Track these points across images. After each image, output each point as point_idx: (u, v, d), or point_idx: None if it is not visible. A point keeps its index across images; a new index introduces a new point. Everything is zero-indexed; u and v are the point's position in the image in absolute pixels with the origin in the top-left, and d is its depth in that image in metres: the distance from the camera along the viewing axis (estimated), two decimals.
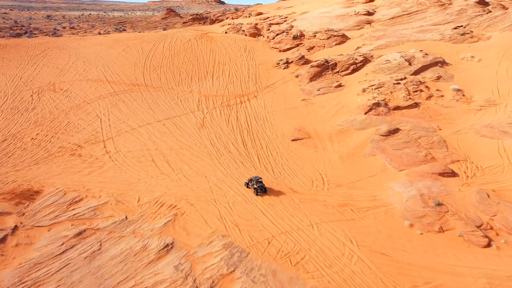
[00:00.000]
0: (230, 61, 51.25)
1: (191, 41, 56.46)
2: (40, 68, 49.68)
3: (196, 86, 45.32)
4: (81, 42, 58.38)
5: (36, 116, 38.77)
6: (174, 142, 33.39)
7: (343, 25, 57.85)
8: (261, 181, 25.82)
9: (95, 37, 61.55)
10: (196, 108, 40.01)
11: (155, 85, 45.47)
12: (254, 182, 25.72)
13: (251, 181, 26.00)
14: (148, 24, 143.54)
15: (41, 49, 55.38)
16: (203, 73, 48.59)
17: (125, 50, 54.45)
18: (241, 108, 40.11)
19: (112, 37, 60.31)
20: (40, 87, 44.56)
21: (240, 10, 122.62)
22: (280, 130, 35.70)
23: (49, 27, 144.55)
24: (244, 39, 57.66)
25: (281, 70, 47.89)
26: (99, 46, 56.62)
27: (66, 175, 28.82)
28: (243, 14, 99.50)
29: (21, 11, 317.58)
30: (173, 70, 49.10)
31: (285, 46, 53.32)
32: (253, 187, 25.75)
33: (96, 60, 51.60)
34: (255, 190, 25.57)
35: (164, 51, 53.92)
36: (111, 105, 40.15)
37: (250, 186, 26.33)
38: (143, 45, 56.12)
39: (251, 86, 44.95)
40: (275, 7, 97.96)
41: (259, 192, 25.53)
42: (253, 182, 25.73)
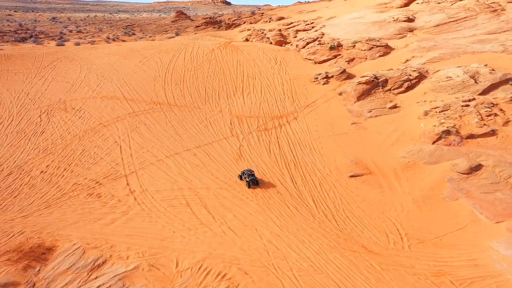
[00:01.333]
0: (261, 75, 46.21)
1: (214, 51, 51.51)
2: (48, 82, 44.94)
3: (226, 105, 40.27)
4: (93, 52, 53.62)
5: (45, 142, 33.90)
6: (209, 178, 28.28)
7: (383, 33, 52.65)
8: (253, 174, 27.35)
9: (108, 46, 56.79)
10: (229, 133, 34.92)
11: (178, 103, 40.49)
12: (246, 175, 27.23)
13: (244, 173, 27.54)
14: (158, 28, 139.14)
15: (49, 60, 50.68)
16: (231, 89, 43.59)
17: (142, 62, 49.61)
18: (281, 133, 34.97)
19: (127, 46, 55.52)
20: (49, 106, 39.76)
21: (257, 14, 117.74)
22: (333, 162, 30.49)
23: (55, 31, 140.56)
24: (273, 49, 52.62)
25: (321, 86, 42.76)
26: (113, 56, 51.82)
27: (84, 224, 23.86)
28: (262, 18, 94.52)
29: (26, 13, 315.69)
30: (197, 85, 44.12)
31: (321, 57, 48.22)
32: (246, 180, 27.24)
33: (110, 73, 46.77)
34: (247, 183, 27.01)
35: (185, 62, 49.00)
36: (131, 129, 35.17)
37: (243, 179, 27.68)
38: (161, 55, 51.25)
39: (288, 105, 39.83)
40: (296, 10, 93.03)
41: (251, 184, 27.03)
42: (245, 175, 27.25)
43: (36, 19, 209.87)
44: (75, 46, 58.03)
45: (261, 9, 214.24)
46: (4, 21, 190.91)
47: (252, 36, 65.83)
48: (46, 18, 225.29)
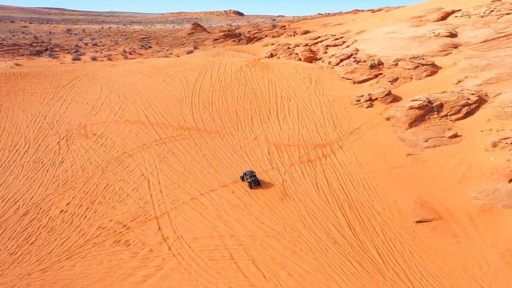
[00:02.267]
0: (296, 96, 42.74)
1: (243, 70, 48.32)
2: (67, 104, 42.11)
3: (261, 131, 36.78)
4: (113, 70, 50.91)
5: (65, 174, 30.71)
6: (253, 223, 24.61)
7: (425, 50, 48.92)
8: (254, 175, 28.38)
9: (128, 63, 54.13)
10: (268, 165, 31.33)
11: (209, 128, 37.13)
12: (248, 176, 28.32)
13: (246, 174, 28.63)
14: (175, 41, 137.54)
15: (67, 79, 48.05)
16: (265, 112, 40.15)
17: (166, 81, 46.61)
18: (327, 165, 31.23)
19: (149, 64, 52.76)
20: (68, 131, 36.75)
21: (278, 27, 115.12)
22: (393, 203, 26.59)
23: (71, 43, 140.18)
24: (306, 67, 49.24)
25: (364, 110, 39.06)
26: (135, 75, 49.00)
27: (112, 281, 20.49)
28: (286, 32, 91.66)
29: (41, 24, 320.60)
30: (227, 108, 40.80)
31: (361, 76, 44.64)
32: (247, 180, 28.23)
33: (133, 93, 43.80)
34: (249, 184, 27.94)
35: (212, 82, 45.83)
36: (158, 159, 31.81)
37: (245, 179, 28.79)
38: (186, 74, 48.26)
39: (330, 132, 36.14)
40: (321, 24, 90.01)
41: (253, 185, 27.98)
42: (247, 176, 28.34)
43: (51, 31, 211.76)
44: (94, 63, 55.48)
45: (278, 21, 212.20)
46: (20, 33, 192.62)
47: (278, 52, 62.68)
48: (61, 30, 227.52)
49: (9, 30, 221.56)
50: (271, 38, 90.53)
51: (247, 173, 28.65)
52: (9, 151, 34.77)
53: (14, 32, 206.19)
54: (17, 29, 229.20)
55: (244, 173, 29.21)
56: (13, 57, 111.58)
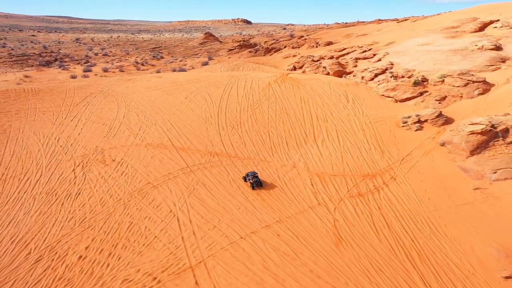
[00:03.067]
0: (333, 116, 38.96)
1: (271, 86, 44.73)
2: (82, 124, 38.70)
3: (299, 157, 32.97)
4: (130, 86, 47.61)
5: (82, 209, 27.11)
6: (309, 277, 20.68)
7: (470, 65, 45.03)
8: (257, 175, 28.49)
9: (146, 79, 50.87)
10: (314, 200, 27.46)
11: (240, 154, 33.41)
12: (250, 177, 28.39)
13: (248, 175, 28.68)
14: (187, 50, 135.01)
15: (81, 96, 44.76)
16: (300, 135, 36.38)
17: (189, 98, 43.14)
18: (382, 200, 27.26)
19: (169, 79, 49.45)
20: (84, 156, 33.23)
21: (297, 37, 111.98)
22: (470, 250, 22.55)
23: (80, 53, 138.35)
24: (340, 83, 45.56)
25: (412, 133, 35.13)
26: (154, 91, 45.63)
27: None
28: (306, 42, 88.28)
29: (49, 33, 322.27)
30: (258, 130, 37.10)
31: (403, 94, 40.86)
32: (249, 181, 28.27)
33: (153, 112, 40.34)
34: (251, 185, 27.99)
35: (239, 99, 42.27)
36: (187, 192, 28.11)
37: (247, 180, 28.74)
38: (210, 90, 44.77)
39: (378, 159, 32.23)
40: (343, 34, 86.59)
41: (255, 186, 28.00)
42: (250, 177, 28.40)
43: (60, 40, 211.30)
44: (109, 78, 52.29)
45: (290, 29, 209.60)
46: (28, 43, 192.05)
47: (303, 65, 59.13)
48: (70, 39, 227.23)
49: (18, 39, 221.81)
50: (291, 49, 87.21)
51: (250, 174, 28.79)
52: (19, 180, 31.34)
53: (23, 41, 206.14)
54: (26, 38, 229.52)
55: (246, 173, 29.28)
56: (22, 68, 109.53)
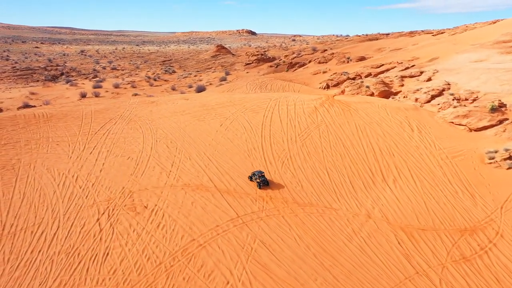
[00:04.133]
0: (399, 149, 33.26)
1: (318, 111, 39.23)
2: (103, 158, 33.20)
3: (371, 202, 27.24)
4: (154, 110, 42.27)
5: (114, 277, 21.45)
6: None
7: None
8: (263, 175, 28.57)
9: (171, 100, 45.56)
10: (409, 267, 21.65)
11: (298, 198, 27.72)
12: (257, 176, 28.46)
13: (254, 175, 28.77)
14: (199, 64, 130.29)
15: (100, 122, 39.37)
16: (365, 172, 30.69)
17: (225, 125, 37.65)
18: (497, 267, 21.56)
19: (197, 101, 44.14)
20: (109, 201, 27.64)
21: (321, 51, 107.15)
22: None
23: (87, 67, 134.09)
24: (397, 108, 40.08)
25: (504, 172, 29.43)
26: (182, 116, 40.25)
27: None
28: (334, 57, 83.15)
29: (52, 45, 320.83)
30: (313, 166, 31.44)
31: (479, 122, 35.35)
32: (256, 181, 28.43)
33: (185, 143, 34.84)
34: (258, 184, 28.25)
35: (284, 127, 36.73)
36: (245, 254, 22.41)
37: (253, 180, 28.88)
38: (247, 116, 39.30)
39: (470, 207, 26.44)
40: (373, 48, 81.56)
41: (262, 185, 28.24)
42: (256, 176, 28.48)
43: (65, 53, 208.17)
44: (129, 100, 46.97)
45: (302, 41, 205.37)
46: (32, 55, 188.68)
47: (338, 83, 53.75)
48: (74, 51, 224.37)
49: (21, 51, 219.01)
50: (318, 65, 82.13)
51: (256, 173, 28.87)
52: (32, 233, 25.75)
53: (27, 53, 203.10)
54: (29, 50, 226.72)
55: (252, 173, 29.21)
56: (27, 83, 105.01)
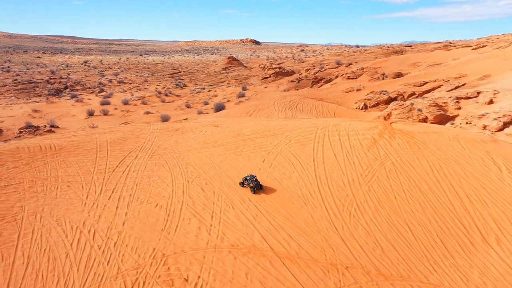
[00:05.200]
0: (491, 196, 27.14)
1: (378, 144, 33.25)
2: (125, 205, 27.26)
3: (479, 275, 21.18)
4: (180, 139, 36.52)
5: None
6: None
7: None
8: (256, 179, 27.91)
9: (198, 128, 39.73)
10: None
11: (382, 267, 21.68)
12: (250, 181, 27.72)
13: (246, 180, 27.96)
14: (210, 77, 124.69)
15: (117, 155, 33.50)
16: (457, 229, 24.60)
17: (268, 161, 31.75)
18: None
19: (230, 130, 38.30)
20: (138, 269, 21.65)
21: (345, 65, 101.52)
22: None
23: (92, 80, 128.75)
24: (473, 140, 34.12)
25: None
26: (215, 149, 34.38)
27: None
28: (364, 72, 77.35)
29: (54, 54, 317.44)
30: (389, 219, 25.39)
31: None
32: (250, 186, 27.76)
33: (223, 184, 28.99)
34: (252, 189, 27.62)
35: (341, 164, 30.73)
36: None
37: (245, 185, 28.18)
38: (293, 148, 33.38)
39: None
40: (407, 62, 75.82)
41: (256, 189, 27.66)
42: (249, 181, 27.74)
43: (68, 63, 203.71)
44: (149, 127, 41.09)
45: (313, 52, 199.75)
46: (34, 66, 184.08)
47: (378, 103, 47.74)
48: (77, 62, 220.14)
49: (23, 61, 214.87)
50: (348, 81, 76.34)
51: (248, 178, 28.05)
52: None
53: (28, 64, 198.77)
54: (31, 61, 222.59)
55: (244, 178, 28.38)
56: (29, 98, 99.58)
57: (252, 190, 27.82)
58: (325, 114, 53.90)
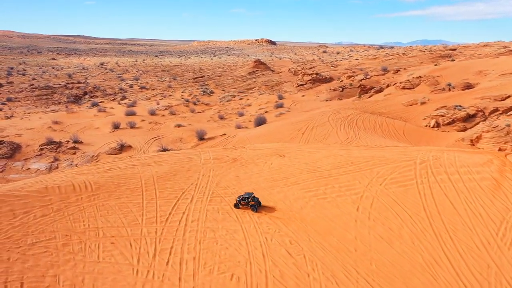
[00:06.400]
0: None
1: (503, 187, 25.99)
2: (190, 273, 21.41)
3: None
4: (242, 174, 30.17)
5: None
6: None
7: None
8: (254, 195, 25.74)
9: (260, 157, 33.02)
10: None
11: None
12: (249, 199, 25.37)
13: (243, 199, 25.42)
14: (237, 83, 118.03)
15: (169, 197, 27.23)
16: None
17: (363, 209, 25.11)
18: None
19: (301, 161, 31.49)
20: None
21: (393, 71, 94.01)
22: None
23: (112, 85, 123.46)
24: None
25: None
26: (288, 188, 27.64)
27: None
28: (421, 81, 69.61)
29: (69, 55, 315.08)
30: None
31: None
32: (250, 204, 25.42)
33: (312, 243, 22.81)
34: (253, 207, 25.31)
35: (463, 216, 24.06)
36: None
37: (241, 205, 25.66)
38: (391, 190, 27.00)
39: None
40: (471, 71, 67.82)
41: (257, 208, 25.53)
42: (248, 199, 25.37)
43: (84, 66, 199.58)
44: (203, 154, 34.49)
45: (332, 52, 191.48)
46: (50, 69, 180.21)
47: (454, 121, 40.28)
48: (93, 64, 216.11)
49: (38, 63, 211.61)
50: (404, 91, 68.88)
51: (245, 197, 25.39)
52: None
53: (43, 66, 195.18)
54: (46, 63, 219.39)
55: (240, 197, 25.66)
56: (48, 106, 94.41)
57: (254, 209, 25.44)
58: (392, 133, 46.83)
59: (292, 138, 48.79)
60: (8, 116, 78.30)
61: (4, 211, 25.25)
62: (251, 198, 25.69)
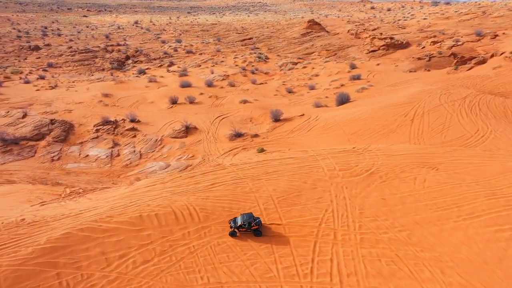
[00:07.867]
0: None
1: None
2: None
3: None
4: (389, 196, 23.07)
5: None
6: None
7: None
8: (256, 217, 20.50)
9: (406, 171, 25.16)
10: None
11: None
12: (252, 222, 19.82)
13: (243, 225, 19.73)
14: (292, 46, 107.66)
15: (301, 246, 20.49)
16: None
17: None
18: None
19: (469, 179, 23.07)
20: None
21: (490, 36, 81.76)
22: None
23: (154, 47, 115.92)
24: None
25: None
26: (465, 224, 19.61)
27: None
28: None
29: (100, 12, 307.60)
30: None
31: None
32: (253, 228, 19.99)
33: None
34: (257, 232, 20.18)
35: None
36: None
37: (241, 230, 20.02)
38: None
39: None
40: None
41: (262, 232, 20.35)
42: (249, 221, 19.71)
43: (118, 25, 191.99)
44: (311, 161, 26.83)
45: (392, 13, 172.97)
46: (84, 28, 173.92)
47: None
48: (127, 22, 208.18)
49: (71, 22, 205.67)
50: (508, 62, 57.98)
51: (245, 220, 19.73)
52: None
53: (77, 25, 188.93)
54: (79, 21, 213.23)
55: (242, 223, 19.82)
56: (91, 73, 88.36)
57: (258, 233, 20.23)
58: None
59: (398, 126, 40.27)
60: (52, 86, 72.59)
61: (94, 254, 18.81)
62: (253, 219, 20.14)
